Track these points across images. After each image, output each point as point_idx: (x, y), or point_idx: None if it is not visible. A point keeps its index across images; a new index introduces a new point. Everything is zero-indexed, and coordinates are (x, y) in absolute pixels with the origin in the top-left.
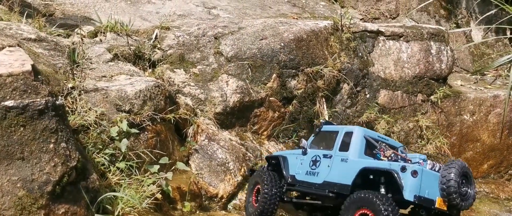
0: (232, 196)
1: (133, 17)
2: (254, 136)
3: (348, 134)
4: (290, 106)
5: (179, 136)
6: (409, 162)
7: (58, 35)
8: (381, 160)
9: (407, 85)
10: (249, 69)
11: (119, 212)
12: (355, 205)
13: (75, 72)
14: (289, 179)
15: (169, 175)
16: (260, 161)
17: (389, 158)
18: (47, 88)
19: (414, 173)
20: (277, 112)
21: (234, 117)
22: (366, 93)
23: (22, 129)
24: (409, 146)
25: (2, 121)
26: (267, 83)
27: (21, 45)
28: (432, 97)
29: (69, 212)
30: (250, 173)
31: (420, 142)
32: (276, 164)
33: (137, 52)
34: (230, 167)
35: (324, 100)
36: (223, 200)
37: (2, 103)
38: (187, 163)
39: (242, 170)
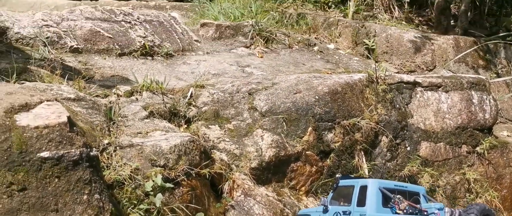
0: None
1: (168, 78)
2: (291, 192)
3: (363, 188)
4: (328, 160)
5: (215, 192)
6: (425, 213)
7: (96, 96)
8: (398, 213)
9: (450, 136)
10: (284, 123)
11: None
12: None
13: (111, 129)
14: None
15: None
16: None
17: (404, 211)
18: (82, 139)
19: None
20: (314, 167)
21: (270, 172)
22: (406, 145)
23: (56, 180)
24: (457, 201)
25: (38, 173)
26: (303, 136)
27: (58, 101)
28: (477, 148)
29: None
30: None
31: (469, 196)
32: None
33: (172, 109)
34: None
35: (363, 153)
36: None
37: (38, 154)
38: None
39: None
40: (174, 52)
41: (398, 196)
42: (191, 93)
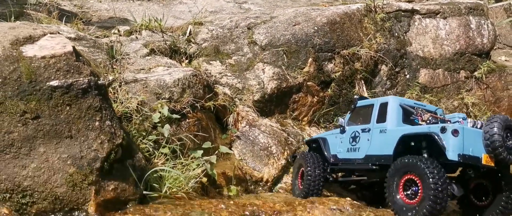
0: (277, 179)
1: (166, 17)
2: (294, 122)
3: (384, 105)
4: (329, 90)
5: (220, 125)
6: (448, 122)
7: (97, 37)
8: (420, 125)
9: (448, 62)
10: (284, 55)
11: (166, 190)
12: (400, 172)
13: (114, 66)
14: (332, 159)
15: (213, 158)
16: (302, 145)
17: (427, 121)
18: (89, 68)
19: (455, 132)
20: (316, 97)
21: (273, 104)
22: (406, 73)
23: (68, 108)
24: None
25: (49, 101)
26: (304, 68)
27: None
28: (475, 73)
29: (119, 189)
30: (292, 159)
31: None
32: (317, 147)
33: (172, 46)
34: (273, 151)
35: (363, 82)
36: (268, 184)
37: (48, 83)
38: (229, 150)
39: (285, 153)
40: None
41: (420, 108)
42: (190, 31)
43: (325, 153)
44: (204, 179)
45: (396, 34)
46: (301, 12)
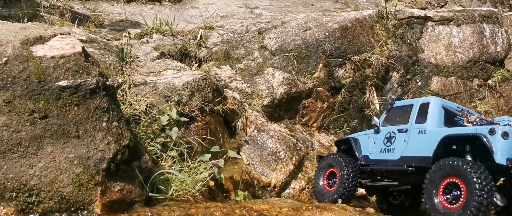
0: (285, 185)
1: (178, 21)
2: (304, 128)
3: (424, 105)
4: (339, 96)
5: (229, 129)
6: (497, 125)
7: (108, 40)
8: (465, 126)
9: (461, 70)
10: (295, 61)
11: (172, 193)
12: (442, 174)
13: (124, 68)
14: (362, 160)
15: (221, 162)
16: (310, 151)
17: (474, 123)
18: (98, 69)
19: (505, 135)
20: (326, 103)
21: (282, 109)
22: (417, 80)
23: (76, 108)
24: None
25: (57, 101)
26: (314, 73)
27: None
28: (489, 81)
29: (125, 190)
30: (319, 159)
31: None
32: (346, 148)
33: (183, 50)
34: (281, 156)
35: (373, 88)
36: (276, 189)
37: (56, 83)
38: (238, 155)
39: (294, 159)
40: None
41: (466, 109)
42: (201, 35)
43: (356, 154)
44: (211, 183)
45: (408, 41)
46: (312, 18)
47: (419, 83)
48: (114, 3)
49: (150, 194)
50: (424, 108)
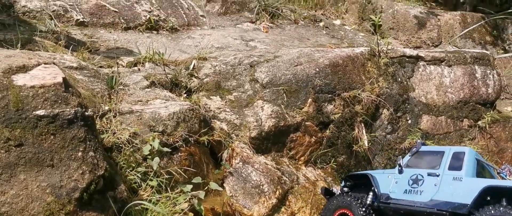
0: None
1: (172, 51)
2: (290, 161)
3: (458, 154)
4: (327, 131)
5: (214, 160)
6: None
7: (101, 66)
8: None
9: (452, 110)
10: (284, 94)
11: None
12: None
13: (112, 96)
14: (382, 198)
15: (201, 193)
16: (296, 185)
17: None
18: (77, 100)
19: None
20: (314, 137)
21: (270, 142)
22: (408, 118)
23: (52, 137)
24: None
25: (34, 130)
26: (303, 107)
27: (57, 65)
28: (479, 122)
29: None
30: (324, 192)
31: None
32: (356, 184)
33: (174, 80)
34: (265, 189)
35: (363, 125)
36: None
37: (34, 112)
38: (221, 186)
39: (277, 192)
40: (179, 27)
41: (507, 165)
42: (194, 65)
43: (376, 190)
44: (191, 215)
45: (399, 79)
46: (305, 53)
47: (409, 121)
48: (112, 30)
49: None
50: (458, 156)
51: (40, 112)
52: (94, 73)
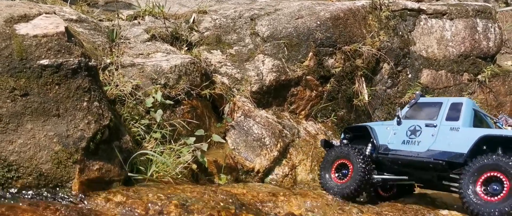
0: (269, 171)
1: (172, 4)
2: (291, 115)
3: (456, 105)
4: (328, 85)
5: (216, 114)
6: None
7: (100, 20)
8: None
9: (452, 64)
10: (285, 48)
11: (152, 174)
12: (483, 169)
13: (113, 49)
14: (380, 149)
15: (204, 145)
16: (297, 138)
17: None
18: (80, 49)
19: None
20: (314, 91)
21: (271, 96)
22: (408, 72)
23: (57, 87)
24: None
25: (38, 79)
26: (304, 61)
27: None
28: (479, 76)
29: (103, 169)
30: (324, 144)
31: None
32: (356, 136)
33: (174, 33)
34: (266, 142)
35: (363, 79)
36: (259, 174)
37: (38, 61)
38: (223, 139)
39: (279, 145)
40: None
41: (504, 114)
42: (194, 18)
43: (374, 142)
44: (194, 166)
45: (400, 33)
46: (306, 6)
47: (410, 76)
48: None
49: (129, 174)
50: (456, 107)
51: (44, 62)
52: (94, 26)
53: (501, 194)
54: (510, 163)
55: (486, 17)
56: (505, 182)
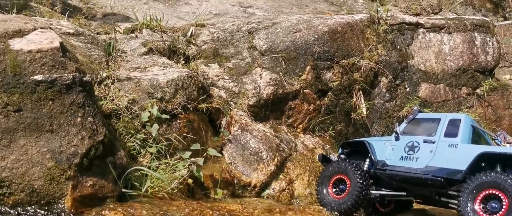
0: (266, 185)
1: (170, 17)
2: (289, 129)
3: (454, 121)
4: (326, 99)
5: (213, 127)
6: None
7: (98, 33)
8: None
9: (450, 78)
10: (283, 62)
11: (147, 189)
12: (482, 186)
13: (109, 63)
14: (378, 164)
15: (200, 160)
16: (294, 152)
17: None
18: (75, 65)
19: None
20: (312, 105)
21: (268, 110)
22: (406, 86)
23: (50, 102)
24: None
25: (32, 95)
26: (301, 75)
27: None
28: (477, 90)
29: (97, 185)
30: (321, 159)
31: None
32: (353, 151)
33: (171, 47)
34: (263, 156)
35: (361, 93)
36: (256, 189)
37: (32, 77)
38: (220, 153)
39: (276, 159)
40: None
41: (503, 131)
42: (192, 32)
43: (372, 157)
44: (190, 181)
45: (399, 46)
46: (304, 20)
47: (408, 89)
48: None
49: (123, 190)
50: (454, 123)
51: (38, 77)
52: (91, 40)
53: (500, 212)
54: (509, 181)
55: (484, 31)
56: (504, 200)
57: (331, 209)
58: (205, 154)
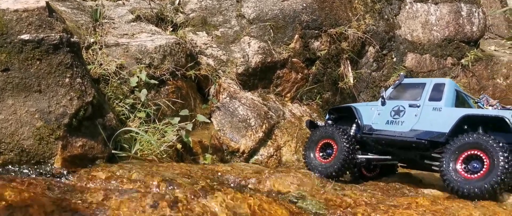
0: (254, 151)
1: None
2: (277, 97)
3: (439, 86)
4: (314, 68)
5: (202, 95)
6: None
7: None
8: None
9: (436, 48)
10: (271, 30)
11: (136, 151)
12: (464, 148)
13: (97, 29)
14: (365, 129)
15: (189, 125)
16: (282, 120)
17: (495, 107)
18: (62, 25)
19: None
20: (300, 74)
21: (257, 78)
22: (393, 56)
23: (38, 62)
24: None
25: (19, 54)
26: (290, 44)
27: None
28: (462, 60)
29: (86, 146)
30: (309, 124)
31: None
32: (340, 117)
33: (159, 14)
34: (252, 123)
35: (348, 62)
36: (244, 155)
37: (19, 36)
38: (209, 120)
39: (264, 126)
40: None
41: (485, 95)
42: (179, 0)
43: (359, 122)
44: (179, 145)
45: (386, 16)
46: None
47: (395, 59)
48: None
49: (113, 151)
50: (438, 87)
51: (25, 37)
52: (77, 5)
53: (481, 172)
54: (491, 141)
55: (471, 2)
56: (485, 160)
57: (318, 172)
58: (193, 120)
